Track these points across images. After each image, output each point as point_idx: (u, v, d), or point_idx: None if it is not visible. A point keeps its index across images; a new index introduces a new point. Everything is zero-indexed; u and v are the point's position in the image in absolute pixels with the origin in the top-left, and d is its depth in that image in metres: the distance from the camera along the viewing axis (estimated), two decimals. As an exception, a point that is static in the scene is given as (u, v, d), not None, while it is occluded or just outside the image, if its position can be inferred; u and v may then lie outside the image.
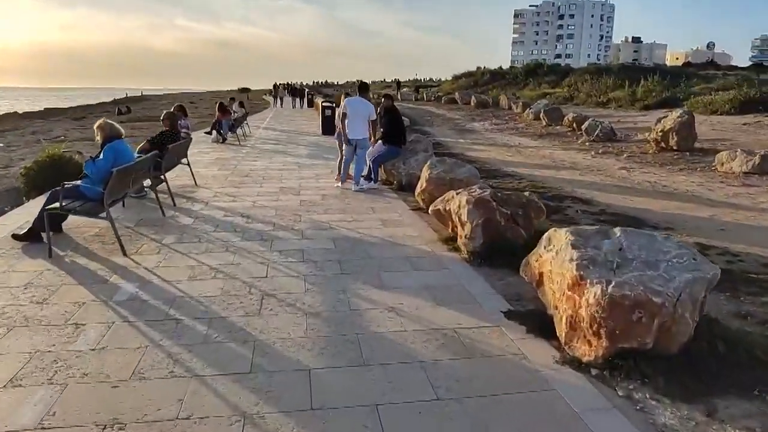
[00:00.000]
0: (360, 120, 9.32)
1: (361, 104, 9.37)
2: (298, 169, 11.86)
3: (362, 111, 9.33)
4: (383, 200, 8.45)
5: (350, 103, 9.54)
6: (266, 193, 8.96)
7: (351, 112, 9.44)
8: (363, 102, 9.40)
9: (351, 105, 9.50)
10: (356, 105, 9.41)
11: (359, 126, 9.34)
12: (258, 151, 15.37)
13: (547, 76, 54.04)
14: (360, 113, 9.32)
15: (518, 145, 16.49)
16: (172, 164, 8.51)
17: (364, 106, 9.35)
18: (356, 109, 9.36)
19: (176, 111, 9.50)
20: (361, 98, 9.45)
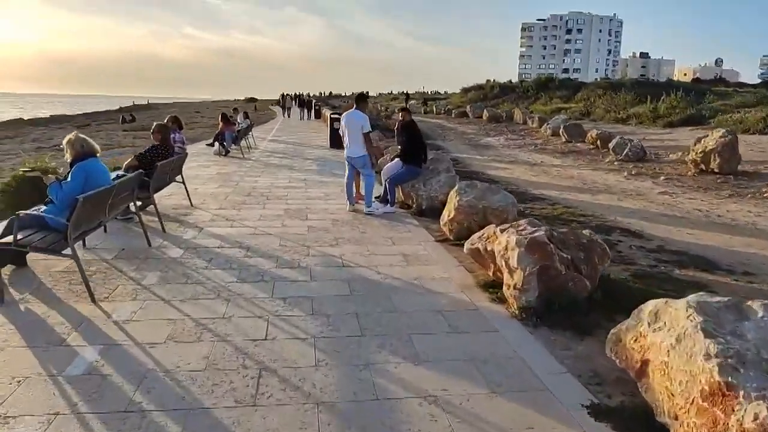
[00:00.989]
0: (355, 135, 8.28)
1: (355, 116, 8.32)
2: (305, 186, 10.84)
3: (356, 124, 8.27)
4: (402, 228, 7.39)
5: (345, 117, 8.56)
6: (270, 216, 7.92)
7: (345, 127, 8.45)
8: (357, 114, 8.34)
9: (345, 118, 8.52)
10: (350, 118, 8.39)
11: (355, 142, 8.31)
12: (262, 165, 14.37)
13: (559, 91, 53.11)
14: (354, 127, 8.28)
15: (541, 163, 15.44)
16: (162, 184, 7.49)
17: (357, 118, 8.29)
18: (350, 123, 8.34)
19: (170, 123, 8.48)
20: (356, 111, 8.40)
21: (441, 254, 6.12)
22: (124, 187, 5.53)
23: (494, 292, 4.82)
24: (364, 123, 8.22)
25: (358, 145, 8.28)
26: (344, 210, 8.50)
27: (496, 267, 4.81)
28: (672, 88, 30.54)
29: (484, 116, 34.28)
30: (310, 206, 8.77)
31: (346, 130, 8.44)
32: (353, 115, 8.34)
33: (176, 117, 8.57)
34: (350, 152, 8.40)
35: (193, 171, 12.50)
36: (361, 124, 8.21)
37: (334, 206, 8.83)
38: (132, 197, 5.96)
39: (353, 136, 8.29)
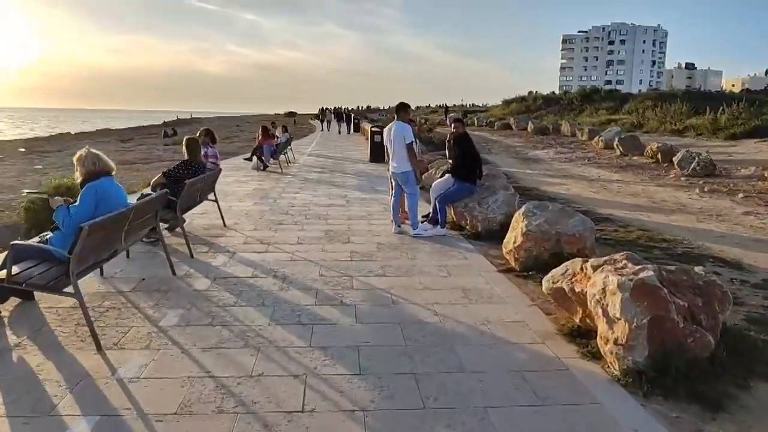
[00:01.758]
0: (398, 148, 7.45)
1: (397, 127, 7.49)
2: (347, 204, 10.07)
3: (398, 136, 7.43)
4: (457, 255, 6.51)
5: (387, 130, 7.77)
6: (309, 239, 7.15)
7: (387, 140, 7.67)
8: (398, 124, 7.50)
9: (387, 131, 7.74)
10: (391, 131, 7.58)
11: (398, 156, 7.49)
12: (301, 180, 13.71)
13: (605, 102, 51.45)
14: (396, 139, 7.45)
15: (599, 178, 14.31)
16: (192, 203, 6.81)
17: (399, 129, 7.44)
18: (392, 135, 7.53)
19: (201, 136, 7.82)
20: (398, 122, 7.56)
21: (508, 289, 5.21)
22: (145, 210, 4.83)
23: (583, 343, 3.89)
24: (405, 133, 7.40)
25: (402, 159, 7.47)
26: (389, 232, 7.68)
27: (586, 312, 3.89)
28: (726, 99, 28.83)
29: (529, 128, 33.10)
30: (352, 227, 7.99)
31: (388, 143, 7.65)
32: (395, 126, 7.53)
33: (209, 130, 7.93)
34: (393, 167, 7.60)
35: (230, 187, 11.93)
36: (402, 135, 7.39)
37: (378, 227, 8.02)
38: (155, 220, 5.27)
39: (396, 149, 7.48)
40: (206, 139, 7.72)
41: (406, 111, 7.65)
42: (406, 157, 7.40)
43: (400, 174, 7.51)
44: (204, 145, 7.63)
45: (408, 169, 7.45)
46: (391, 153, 7.60)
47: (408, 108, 7.71)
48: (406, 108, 7.67)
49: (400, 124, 7.47)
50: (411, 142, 7.37)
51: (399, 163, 7.48)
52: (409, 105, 7.70)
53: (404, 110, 7.62)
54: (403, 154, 7.41)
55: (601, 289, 3.59)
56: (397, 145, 7.43)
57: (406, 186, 7.54)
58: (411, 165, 7.45)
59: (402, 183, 7.58)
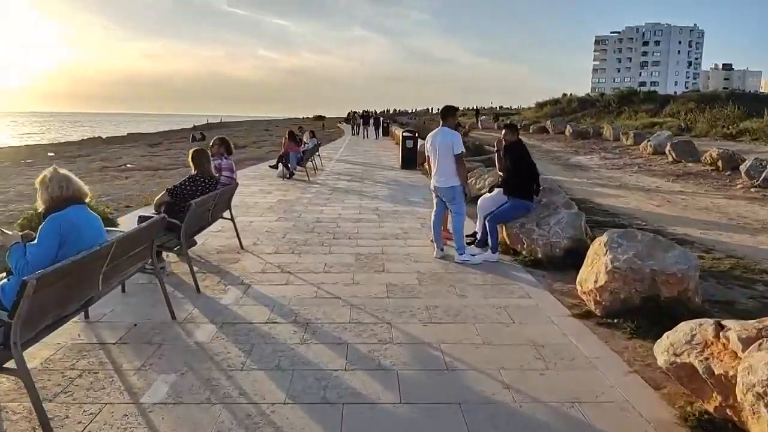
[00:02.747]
0: (443, 159, 6.37)
1: (443, 135, 6.40)
2: (379, 219, 9.01)
3: (444, 145, 6.34)
4: (517, 289, 5.39)
5: (430, 138, 6.65)
6: (337, 266, 6.11)
7: (431, 149, 6.57)
8: (445, 132, 6.41)
9: (431, 139, 6.62)
10: (436, 138, 6.48)
11: (443, 168, 6.39)
12: (329, 189, 12.71)
13: (644, 104, 49.45)
14: (442, 149, 6.36)
15: (657, 189, 12.97)
16: (200, 226, 5.83)
17: (446, 137, 6.35)
18: (437, 144, 6.43)
19: (216, 146, 6.81)
20: (444, 128, 6.47)
21: (593, 345, 4.06)
22: (133, 242, 3.85)
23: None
24: (454, 142, 6.30)
25: (449, 173, 6.37)
26: (430, 255, 6.60)
27: (729, 402, 2.73)
28: None
29: (567, 132, 31.59)
30: (387, 249, 6.92)
31: (432, 153, 6.56)
32: (440, 133, 6.45)
33: (224, 139, 6.94)
34: (438, 181, 6.51)
35: (253, 198, 11.00)
36: (450, 143, 6.30)
37: (417, 249, 6.94)
38: (150, 251, 4.28)
39: (442, 160, 6.39)
40: (220, 149, 6.73)
41: (453, 115, 6.56)
42: (454, 170, 6.31)
43: (446, 189, 6.42)
44: (217, 157, 6.64)
45: (455, 184, 6.35)
46: (434, 164, 6.52)
47: (456, 112, 6.61)
48: (453, 112, 6.57)
49: (446, 131, 6.38)
50: (461, 152, 6.28)
51: (445, 176, 6.39)
52: (457, 108, 6.61)
53: (452, 115, 6.53)
54: (450, 167, 6.32)
55: (766, 380, 2.43)
56: (442, 155, 6.34)
57: (452, 203, 6.44)
58: (459, 179, 6.35)
59: (447, 200, 6.48)
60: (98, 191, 13.32)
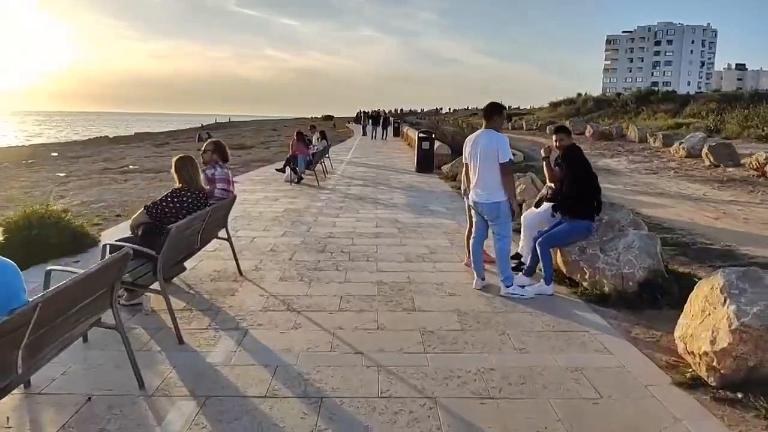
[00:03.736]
0: (486, 169, 5.18)
1: (487, 139, 5.20)
2: (400, 234, 7.85)
3: (488, 152, 5.16)
4: (588, 338, 4.21)
5: (470, 142, 5.44)
6: (355, 299, 4.96)
7: (471, 156, 5.39)
8: (489, 135, 5.21)
9: (471, 144, 5.42)
10: (478, 142, 5.28)
11: (486, 180, 5.20)
12: (341, 196, 11.56)
13: (663, 104, 48.06)
14: (486, 156, 5.17)
15: (704, 198, 11.71)
16: (185, 253, 4.68)
17: (490, 142, 5.15)
18: (478, 150, 5.24)
19: (209, 152, 5.57)
20: (488, 131, 5.27)
21: (723, 440, 2.88)
22: (78, 294, 2.70)
23: None
24: (500, 147, 5.13)
25: (492, 185, 5.19)
26: (466, 284, 5.45)
27: None
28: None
29: (587, 133, 30.27)
30: (414, 275, 5.75)
31: (471, 160, 5.38)
32: (483, 137, 5.26)
33: (218, 143, 5.71)
34: (478, 195, 5.32)
35: (257, 207, 9.87)
36: (495, 149, 5.13)
37: (449, 275, 5.78)
38: (109, 301, 3.14)
39: (484, 170, 5.21)
40: (214, 156, 5.54)
41: (500, 114, 5.35)
42: (499, 182, 5.13)
43: (489, 206, 5.23)
44: (211, 165, 5.46)
45: (501, 199, 5.17)
46: (474, 174, 5.33)
47: (503, 111, 5.41)
48: (500, 110, 5.37)
49: (491, 134, 5.20)
50: (508, 160, 5.11)
51: (487, 190, 5.20)
52: (503, 107, 5.40)
53: (497, 113, 5.33)
54: (494, 178, 5.14)
55: None
56: (485, 164, 5.16)
57: (497, 224, 5.25)
58: (506, 193, 5.17)
59: (490, 218, 5.29)
60: (92, 196, 12.27)
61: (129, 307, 4.57)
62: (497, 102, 5.38)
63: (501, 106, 5.36)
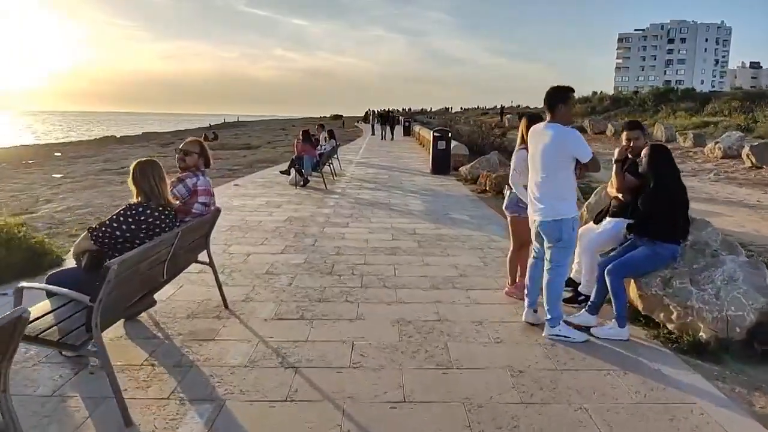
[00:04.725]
0: (552, 174, 3.96)
1: (554, 135, 3.93)
2: (420, 250, 6.65)
3: (552, 155, 3.93)
4: (693, 408, 3.00)
5: (534, 140, 4.15)
6: (371, 350, 3.76)
7: (531, 158, 4.15)
8: (556, 131, 3.94)
9: (533, 141, 4.15)
10: (540, 141, 4.03)
11: (550, 189, 3.98)
12: (351, 202, 10.38)
13: (683, 102, 46.39)
14: (553, 157, 3.95)
15: (759, 204, 10.41)
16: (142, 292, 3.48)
17: (559, 138, 3.91)
18: (541, 146, 4.00)
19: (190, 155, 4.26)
20: (553, 125, 4.00)
21: None
22: None
23: None
24: (574, 146, 3.91)
25: (557, 195, 3.97)
26: (515, 322, 4.24)
27: None
28: None
29: (609, 132, 28.90)
30: (445, 309, 4.55)
31: (535, 161, 4.12)
32: (550, 132, 3.97)
33: (199, 143, 4.47)
34: (537, 209, 4.07)
35: (256, 216, 8.71)
36: (564, 150, 3.91)
37: (490, 309, 4.58)
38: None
39: (546, 177, 3.98)
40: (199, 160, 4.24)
41: (566, 101, 4.01)
42: (568, 191, 3.93)
43: (550, 224, 3.98)
44: (191, 173, 4.18)
45: (566, 215, 3.94)
46: (535, 181, 4.11)
47: (571, 95, 4.12)
48: (565, 96, 4.04)
49: (558, 129, 3.96)
50: (592, 156, 3.89)
51: (550, 201, 3.98)
52: (571, 90, 4.12)
53: (563, 100, 3.99)
54: (559, 187, 3.96)
55: None
56: (548, 168, 3.95)
57: (557, 247, 4.01)
58: (569, 207, 3.96)
59: (551, 239, 4.04)
60: (81, 201, 11.16)
61: (73, 359, 3.41)
62: (561, 86, 4.12)
63: (565, 91, 4.07)
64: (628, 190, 4.52)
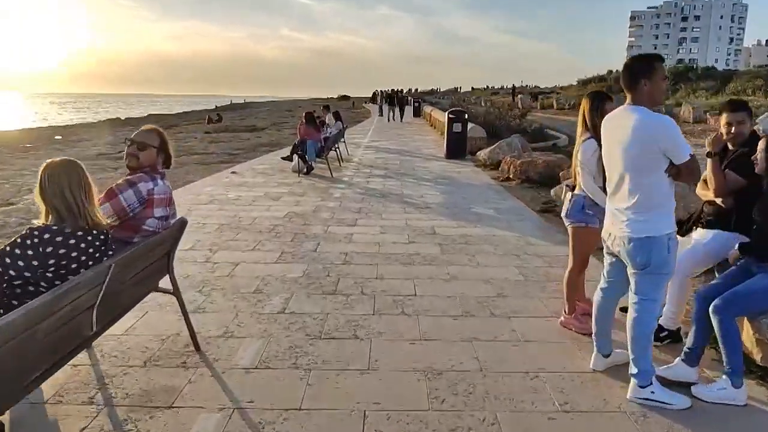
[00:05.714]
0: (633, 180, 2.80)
1: (632, 127, 2.74)
2: (444, 257, 5.53)
3: (637, 150, 2.75)
4: None
5: (608, 125, 3.00)
6: (390, 422, 2.66)
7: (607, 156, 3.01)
8: (636, 118, 2.74)
9: (607, 135, 3.00)
10: (617, 135, 2.85)
11: (635, 196, 2.81)
12: (360, 192, 9.25)
13: (703, 81, 44.68)
14: (632, 158, 2.78)
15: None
16: (45, 364, 2.36)
17: (641, 130, 2.71)
18: (617, 147, 2.85)
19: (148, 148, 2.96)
20: (634, 109, 2.81)
21: None
22: None
23: None
24: (667, 140, 2.72)
25: (645, 205, 2.80)
26: (581, 372, 3.12)
27: None
28: None
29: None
30: (485, 352, 3.45)
31: (608, 158, 3.00)
32: (629, 118, 2.79)
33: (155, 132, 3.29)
34: (617, 223, 2.92)
35: (251, 209, 7.64)
36: (658, 140, 2.71)
37: (545, 349, 3.47)
38: None
39: (633, 176, 2.81)
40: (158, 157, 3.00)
41: (652, 76, 2.81)
42: (659, 196, 2.79)
43: (636, 244, 2.81)
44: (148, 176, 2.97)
45: (662, 232, 2.79)
46: (613, 184, 2.95)
47: (659, 66, 2.89)
48: (653, 66, 2.82)
49: (645, 116, 2.77)
50: (689, 156, 2.71)
51: (637, 212, 2.82)
52: (659, 58, 2.92)
53: (649, 74, 2.80)
54: (650, 194, 2.80)
55: None
56: (637, 166, 2.80)
57: (644, 274, 2.85)
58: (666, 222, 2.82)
59: (635, 264, 2.86)
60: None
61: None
62: (644, 54, 2.93)
63: (651, 60, 2.85)
64: (731, 192, 3.36)
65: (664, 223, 2.80)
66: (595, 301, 3.22)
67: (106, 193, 2.87)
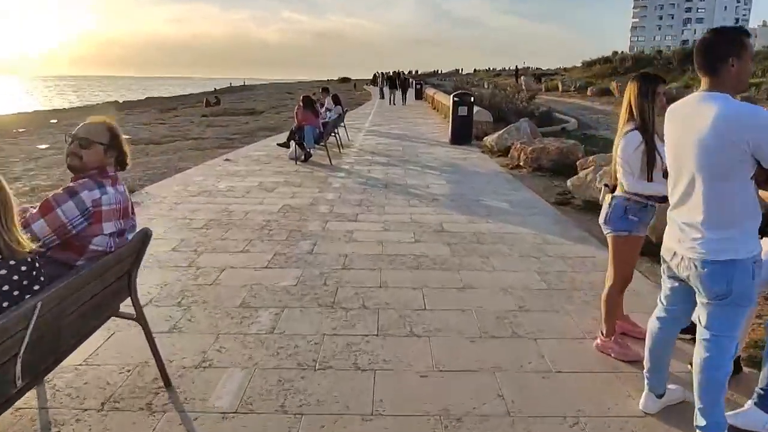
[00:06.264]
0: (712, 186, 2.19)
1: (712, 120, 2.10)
2: (455, 260, 4.96)
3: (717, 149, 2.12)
4: None
5: (677, 119, 2.34)
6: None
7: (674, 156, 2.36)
8: (718, 109, 2.10)
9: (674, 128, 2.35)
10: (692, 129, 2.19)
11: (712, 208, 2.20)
12: (360, 183, 8.66)
13: (711, 62, 43.71)
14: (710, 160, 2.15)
15: None
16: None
17: (724, 125, 2.09)
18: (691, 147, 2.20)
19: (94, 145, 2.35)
20: (713, 96, 2.15)
21: None
22: None
23: None
24: (760, 135, 2.06)
25: (726, 218, 2.19)
26: (624, 403, 2.60)
27: None
28: None
29: (639, 95, 26.65)
30: (509, 384, 2.90)
31: (674, 159, 2.36)
32: (709, 108, 2.14)
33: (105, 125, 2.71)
34: (687, 241, 2.29)
35: (242, 202, 7.06)
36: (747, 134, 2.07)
37: (581, 382, 2.90)
38: None
39: (709, 182, 2.19)
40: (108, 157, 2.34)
41: (741, 54, 2.18)
42: (742, 208, 2.19)
43: (712, 269, 2.21)
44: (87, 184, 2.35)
45: (746, 254, 2.19)
46: (681, 192, 2.32)
47: (749, 44, 2.26)
48: (743, 42, 2.20)
49: (730, 105, 2.14)
50: None
51: (714, 230, 2.21)
52: (748, 34, 2.31)
53: (738, 53, 2.18)
54: (738, 202, 2.19)
55: None
56: (716, 168, 2.18)
57: (721, 306, 2.26)
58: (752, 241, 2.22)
59: (710, 293, 2.25)
60: (53, 179, 9.48)
61: None
62: (727, 27, 2.32)
63: (738, 35, 2.24)
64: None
65: (750, 243, 2.21)
66: (650, 330, 2.64)
67: (40, 206, 2.29)
